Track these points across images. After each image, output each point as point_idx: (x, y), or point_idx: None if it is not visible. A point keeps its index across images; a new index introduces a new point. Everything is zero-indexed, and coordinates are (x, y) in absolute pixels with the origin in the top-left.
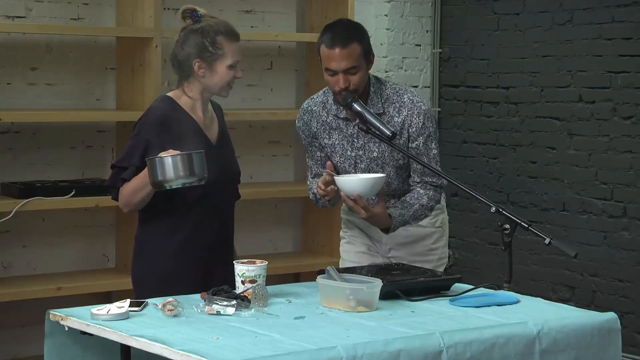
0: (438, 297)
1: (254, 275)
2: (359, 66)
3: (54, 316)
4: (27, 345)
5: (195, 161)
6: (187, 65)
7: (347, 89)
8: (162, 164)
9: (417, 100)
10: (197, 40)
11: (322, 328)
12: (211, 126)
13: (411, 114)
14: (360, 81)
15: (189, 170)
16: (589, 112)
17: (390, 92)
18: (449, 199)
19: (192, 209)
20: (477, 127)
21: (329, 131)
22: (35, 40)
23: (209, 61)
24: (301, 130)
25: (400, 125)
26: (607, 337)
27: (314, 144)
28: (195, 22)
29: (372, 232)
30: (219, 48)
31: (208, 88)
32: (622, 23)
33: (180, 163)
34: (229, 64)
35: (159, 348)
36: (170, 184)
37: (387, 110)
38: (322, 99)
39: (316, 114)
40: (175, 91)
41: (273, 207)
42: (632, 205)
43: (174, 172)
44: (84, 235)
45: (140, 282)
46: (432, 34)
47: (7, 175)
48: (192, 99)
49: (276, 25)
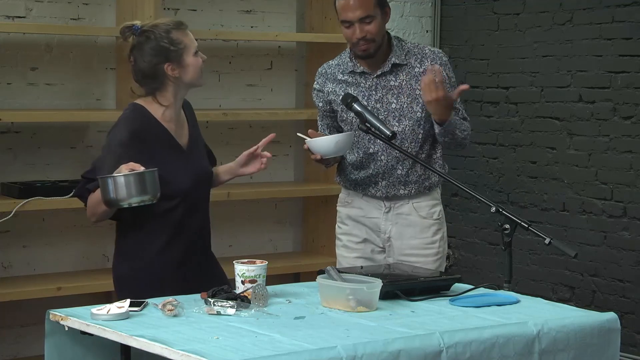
0: (438, 297)
1: (254, 275)
2: (373, 15)
3: (54, 316)
4: (27, 345)
5: (148, 180)
6: (158, 74)
7: (364, 38)
8: (114, 184)
9: (437, 51)
10: (155, 46)
11: (322, 328)
12: (181, 131)
13: (433, 63)
14: (376, 31)
15: (141, 189)
16: (589, 112)
17: (411, 46)
18: (449, 199)
19: (168, 217)
20: (477, 127)
21: (345, 88)
22: (35, 40)
23: (177, 59)
24: (315, 92)
25: (421, 75)
26: (607, 337)
27: (326, 109)
28: (139, 35)
29: (369, 223)
30: (178, 43)
31: (185, 85)
32: (622, 23)
33: (132, 182)
34: (193, 52)
35: (159, 348)
36: (123, 203)
37: (409, 61)
38: (338, 62)
39: (331, 75)
40: (146, 98)
41: (273, 207)
42: (632, 205)
43: (127, 191)
44: (84, 235)
45: (120, 285)
46: (432, 34)
47: (7, 175)
48: (164, 106)
49: (276, 25)
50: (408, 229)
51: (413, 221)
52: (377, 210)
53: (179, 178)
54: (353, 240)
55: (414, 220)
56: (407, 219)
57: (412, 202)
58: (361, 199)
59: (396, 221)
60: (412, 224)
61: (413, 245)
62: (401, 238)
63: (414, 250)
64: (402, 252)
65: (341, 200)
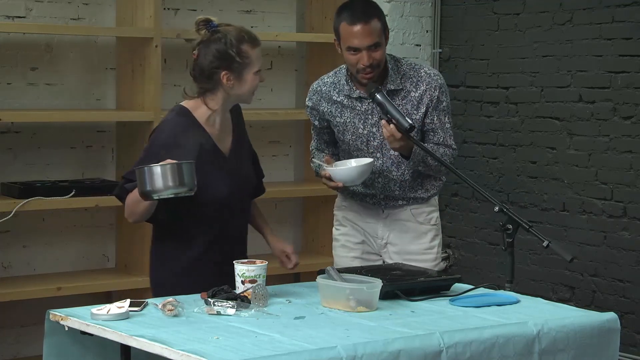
0: (438, 297)
1: (254, 275)
2: (380, 42)
3: (54, 316)
4: (27, 345)
5: (185, 171)
6: (213, 77)
7: (370, 65)
8: (150, 174)
9: (434, 74)
10: (222, 51)
11: (322, 328)
12: (225, 136)
13: (429, 88)
14: (382, 57)
15: (178, 180)
16: (589, 112)
17: (407, 68)
18: (449, 199)
19: (206, 222)
20: (477, 127)
21: (341, 109)
22: (35, 40)
23: (238, 71)
24: (309, 110)
25: (417, 100)
26: (607, 337)
27: (321, 126)
28: (212, 32)
29: (367, 227)
30: (245, 57)
31: (235, 97)
32: (622, 23)
33: (169, 173)
34: (255, 70)
35: (159, 348)
36: (159, 194)
37: (405, 86)
38: (333, 80)
39: (325, 94)
40: (193, 101)
41: (273, 207)
42: (632, 205)
43: (163, 182)
44: (84, 235)
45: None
46: (432, 34)
47: (7, 175)
48: (211, 110)
49: (276, 25)
50: (405, 234)
51: (411, 227)
52: (375, 215)
53: (217, 185)
54: (351, 240)
55: (411, 226)
56: (404, 225)
57: (410, 208)
58: (358, 204)
59: (393, 227)
60: (409, 229)
61: (411, 251)
62: (398, 244)
63: (412, 256)
64: (399, 257)
65: (338, 204)
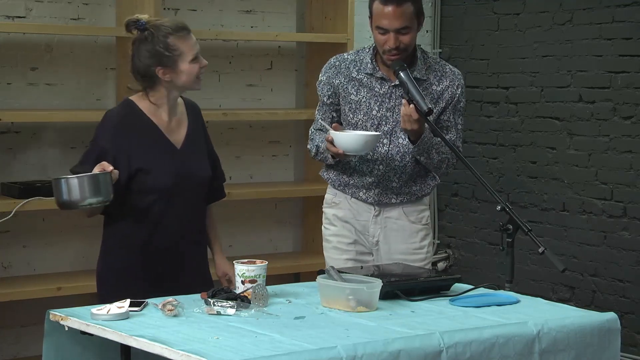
0: (438, 297)
1: (254, 275)
2: (410, 26)
3: (54, 316)
4: (27, 345)
5: (101, 182)
6: (150, 75)
7: (397, 48)
8: (67, 185)
9: (457, 72)
10: (150, 49)
11: (322, 328)
12: (177, 129)
13: (451, 84)
14: (410, 42)
15: (94, 191)
16: (589, 112)
17: (433, 62)
18: (449, 199)
19: (147, 213)
20: (477, 127)
21: (358, 87)
22: (35, 40)
23: (171, 65)
24: (321, 85)
25: (438, 94)
26: (607, 337)
27: (330, 102)
28: (141, 30)
29: (358, 225)
30: (174, 49)
31: (179, 87)
32: (622, 23)
33: (86, 184)
34: (190, 59)
35: (159, 348)
36: (77, 205)
37: (429, 77)
38: (354, 58)
39: (343, 70)
40: (139, 94)
41: (273, 207)
42: (632, 205)
43: (80, 193)
44: (84, 235)
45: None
46: (432, 34)
47: (7, 175)
48: (155, 104)
49: (276, 25)
50: (396, 233)
51: (402, 225)
52: (367, 213)
53: (161, 174)
54: (344, 242)
55: (402, 225)
56: (396, 223)
57: (402, 206)
58: (349, 201)
59: (385, 225)
60: (400, 228)
61: (401, 250)
62: (389, 242)
63: (402, 255)
64: (390, 256)
65: (327, 202)
